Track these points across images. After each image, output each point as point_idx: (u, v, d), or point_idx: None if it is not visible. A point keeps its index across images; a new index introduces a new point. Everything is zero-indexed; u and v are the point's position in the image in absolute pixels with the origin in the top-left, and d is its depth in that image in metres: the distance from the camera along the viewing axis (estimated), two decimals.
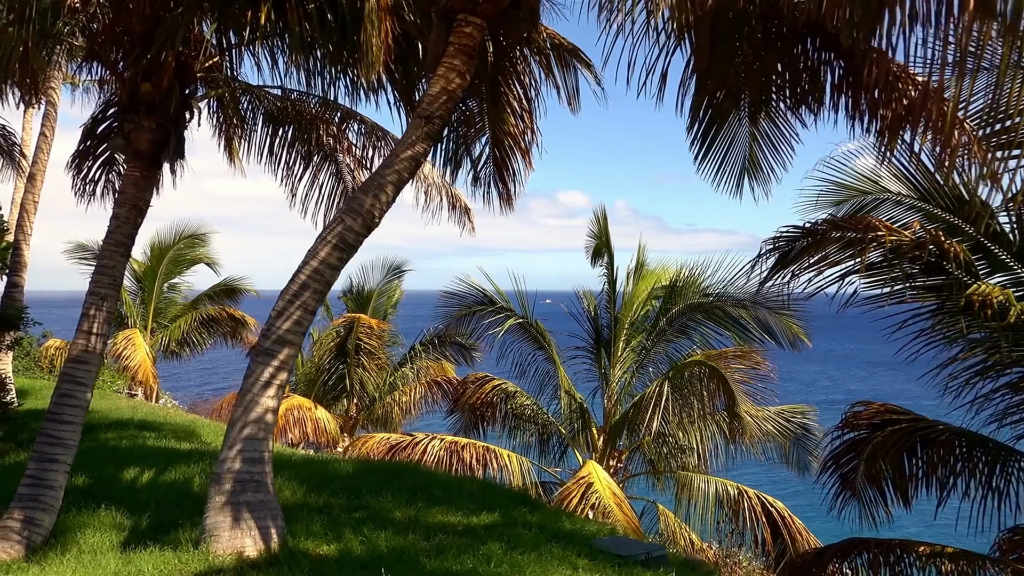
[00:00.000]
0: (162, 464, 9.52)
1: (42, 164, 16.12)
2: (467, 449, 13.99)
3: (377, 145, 10.50)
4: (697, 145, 7.64)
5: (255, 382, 5.37)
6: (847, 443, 10.24)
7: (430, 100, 5.62)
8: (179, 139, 8.05)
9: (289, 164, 10.74)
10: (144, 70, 7.72)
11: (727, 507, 13.52)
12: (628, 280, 15.37)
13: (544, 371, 15.43)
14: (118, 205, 7.80)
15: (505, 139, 9.03)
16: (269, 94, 9.76)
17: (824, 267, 7.00)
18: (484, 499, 7.32)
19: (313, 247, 5.53)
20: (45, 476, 7.08)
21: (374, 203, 5.56)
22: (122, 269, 7.80)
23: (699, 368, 12.73)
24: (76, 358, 7.41)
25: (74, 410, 7.32)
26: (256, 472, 5.31)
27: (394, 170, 5.58)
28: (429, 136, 5.65)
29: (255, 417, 5.35)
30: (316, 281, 5.48)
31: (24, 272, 15.46)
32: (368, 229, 5.62)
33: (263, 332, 5.47)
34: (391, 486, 7.64)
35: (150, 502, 7.78)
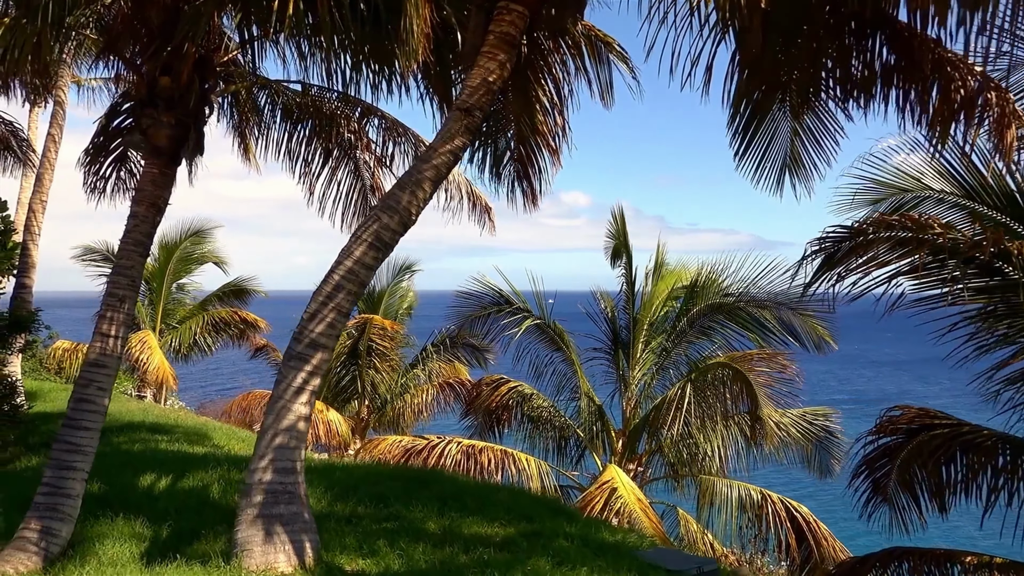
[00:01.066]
0: (178, 470, 9.26)
1: (50, 164, 15.88)
2: (485, 453, 13.72)
3: (398, 141, 10.26)
4: (737, 140, 7.38)
5: (287, 388, 5.11)
6: (881, 448, 9.97)
7: (469, 92, 5.36)
8: (198, 135, 7.79)
9: (307, 161, 10.50)
10: (163, 64, 7.47)
11: (750, 512, 13.24)
12: (647, 280, 15.11)
13: (561, 373, 15.15)
14: (136, 203, 7.55)
15: (532, 135, 8.76)
16: (288, 90, 9.51)
17: (872, 268, 6.72)
18: (517, 508, 7.06)
19: (347, 246, 5.27)
20: (62, 484, 6.82)
21: (411, 200, 5.30)
22: (140, 269, 7.55)
23: (722, 370, 12.46)
24: (94, 361, 7.16)
25: (92, 415, 7.06)
26: (288, 483, 5.05)
27: (432, 165, 5.32)
28: (469, 130, 5.39)
29: (287, 425, 5.09)
30: (350, 282, 5.22)
31: (33, 273, 15.23)
32: (405, 227, 5.36)
33: (295, 336, 5.21)
34: (419, 494, 7.38)
35: (169, 510, 7.52)
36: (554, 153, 8.46)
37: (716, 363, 12.62)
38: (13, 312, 12.15)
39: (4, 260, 11.79)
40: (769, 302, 12.88)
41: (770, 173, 7.57)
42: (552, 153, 8.49)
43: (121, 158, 10.03)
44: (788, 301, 12.76)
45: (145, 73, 7.62)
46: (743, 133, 7.27)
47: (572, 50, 6.98)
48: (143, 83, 7.67)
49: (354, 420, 19.56)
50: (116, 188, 10.23)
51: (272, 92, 9.54)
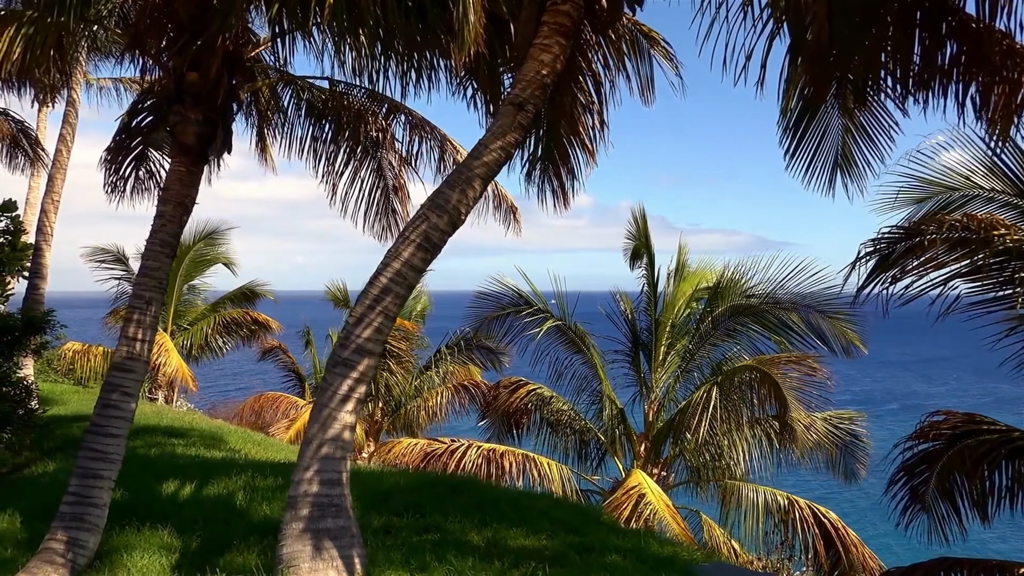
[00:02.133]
0: (201, 476, 9.04)
1: (62, 164, 15.64)
2: (506, 457, 13.50)
3: (424, 139, 10.01)
4: (788, 139, 7.13)
5: (332, 396, 4.87)
6: (920, 454, 9.73)
7: (523, 86, 5.13)
8: (226, 132, 7.57)
9: (330, 160, 10.26)
10: (191, 59, 7.24)
11: (776, 517, 13.00)
12: (668, 281, 14.86)
13: (582, 375, 14.91)
14: (162, 203, 7.32)
15: (567, 134, 8.54)
16: (313, 86, 9.28)
17: (930, 269, 6.48)
18: (558, 518, 6.83)
19: (395, 247, 5.03)
20: (89, 493, 6.60)
21: (461, 199, 5.07)
22: (167, 271, 7.32)
23: (750, 373, 12.21)
24: (121, 366, 6.93)
25: (119, 422, 6.84)
26: (335, 495, 4.82)
27: (483, 162, 5.08)
28: (521, 125, 5.15)
29: (333, 435, 4.85)
30: (398, 284, 4.99)
31: (46, 274, 15.00)
32: (454, 227, 5.13)
33: (340, 341, 4.98)
34: (455, 503, 7.15)
35: (197, 520, 7.30)
36: (590, 153, 8.20)
37: (743, 366, 12.38)
38: (28, 314, 11.91)
39: (14, 261, 11.57)
40: (797, 304, 12.62)
41: (822, 173, 7.32)
42: (588, 153, 8.23)
43: (141, 157, 9.81)
44: (816, 303, 12.51)
45: (172, 68, 7.39)
46: (793, 131, 7.02)
47: (615, 44, 6.74)
48: (170, 79, 7.45)
49: (368, 422, 19.33)
50: (136, 188, 10.04)
51: (297, 89, 9.31)
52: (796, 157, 7.34)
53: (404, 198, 10.90)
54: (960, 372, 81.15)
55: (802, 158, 7.37)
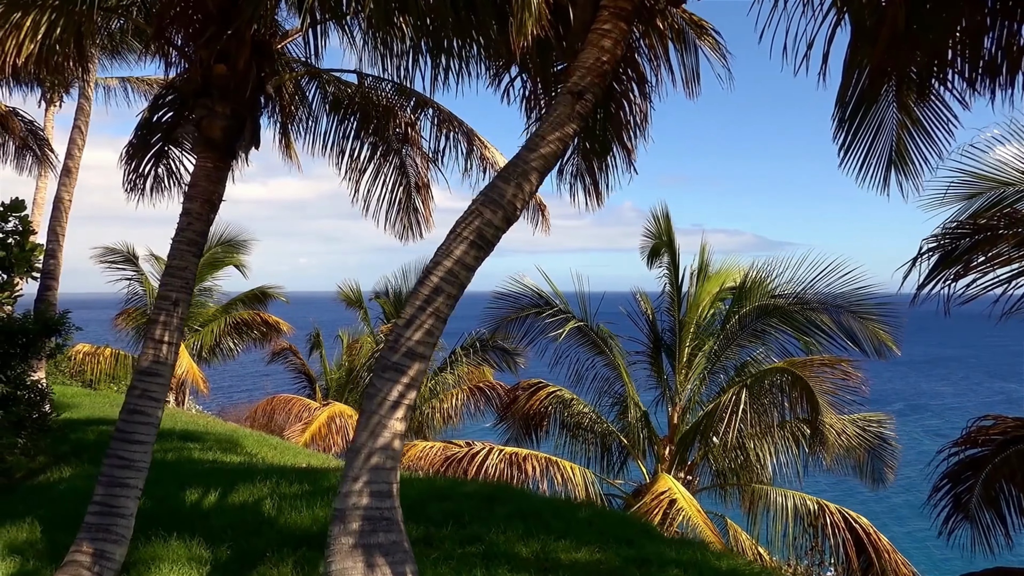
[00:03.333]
0: (224, 483, 8.75)
1: (75, 161, 15.38)
2: (529, 461, 13.20)
3: (451, 135, 9.73)
4: (842, 133, 6.83)
5: (382, 402, 4.58)
6: (966, 460, 9.43)
7: (581, 73, 4.84)
8: (254, 126, 7.31)
9: (353, 156, 9.99)
10: (219, 50, 6.96)
11: (806, 522, 12.69)
12: (691, 281, 14.56)
13: (603, 377, 14.62)
14: (189, 200, 7.05)
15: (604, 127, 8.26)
16: (340, 80, 9.00)
17: (996, 266, 6.18)
18: (606, 528, 6.54)
19: (446, 244, 4.75)
20: (115, 503, 6.32)
21: (517, 193, 4.79)
22: (194, 270, 7.05)
23: (781, 375, 11.91)
24: (147, 370, 6.65)
25: (145, 428, 6.57)
26: (386, 508, 4.53)
27: (539, 155, 4.80)
28: (580, 115, 4.87)
29: (383, 444, 4.56)
30: (450, 284, 4.70)
31: (57, 275, 14.74)
32: (508, 223, 4.85)
33: (389, 345, 4.69)
34: (494, 512, 6.87)
35: (226, 530, 7.02)
36: (628, 150, 7.89)
37: (774, 368, 12.08)
38: (43, 316, 11.64)
39: (23, 262, 11.31)
40: (828, 304, 12.32)
41: (876, 168, 7.02)
42: (624, 149, 7.92)
43: (160, 154, 9.55)
44: (848, 303, 12.21)
45: (199, 61, 7.11)
46: (848, 124, 6.73)
47: (661, 33, 6.45)
48: (196, 71, 7.17)
49: None
50: (155, 186, 9.77)
51: (323, 83, 9.04)
52: (850, 154, 7.06)
53: (426, 197, 10.65)
54: (968, 371, 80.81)
55: (855, 155, 7.08)
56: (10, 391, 10.26)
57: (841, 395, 11.31)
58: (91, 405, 16.10)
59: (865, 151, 6.82)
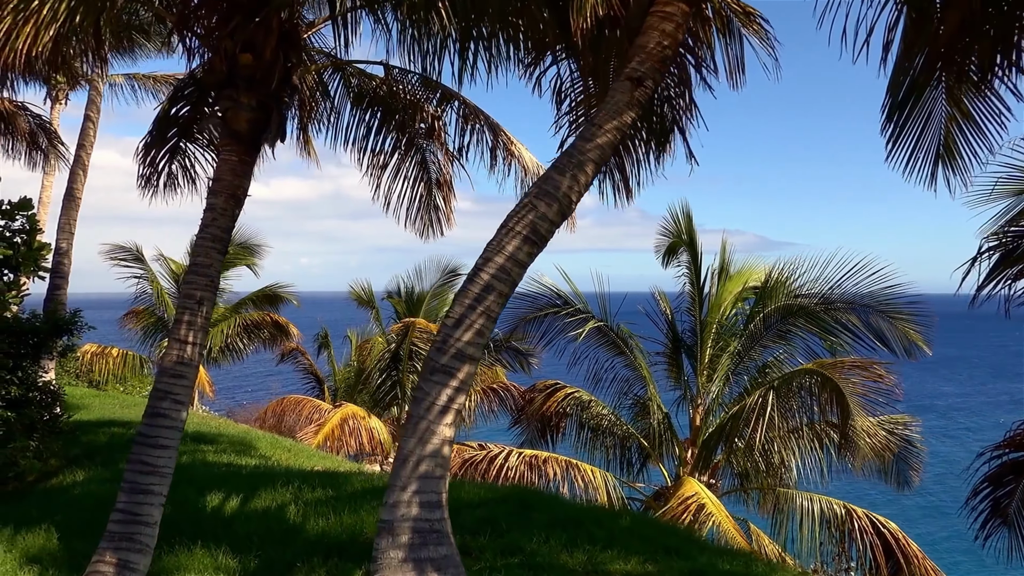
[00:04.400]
0: (245, 487, 8.49)
1: (84, 160, 15.12)
2: (549, 464, 12.94)
3: (476, 130, 9.46)
4: (891, 126, 6.55)
5: (431, 407, 4.32)
6: (1009, 463, 9.17)
7: (641, 59, 4.57)
8: (280, 118, 7.03)
9: (375, 152, 9.73)
10: (245, 39, 6.70)
11: (833, 528, 12.41)
12: (712, 281, 14.28)
13: (623, 378, 14.35)
14: (213, 195, 6.78)
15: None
16: (365, 73, 8.74)
17: None
18: (649, 536, 6.28)
19: (497, 240, 4.48)
20: (139, 511, 6.06)
21: (572, 185, 4.52)
22: (219, 268, 6.79)
23: (810, 377, 11.62)
24: (171, 371, 6.38)
25: (169, 431, 6.30)
26: (435, 520, 4.26)
27: (596, 145, 4.53)
28: (639, 103, 4.60)
29: (432, 450, 4.30)
30: (501, 282, 4.43)
31: (66, 274, 14.47)
32: (563, 217, 4.59)
33: (437, 346, 4.41)
34: (531, 519, 6.60)
35: (251, 537, 6.76)
36: (660, 145, 7.58)
37: (802, 370, 11.79)
38: (50, 315, 11.39)
39: (30, 261, 11.06)
40: (856, 304, 12.03)
41: (924, 163, 6.74)
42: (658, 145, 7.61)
43: (175, 149, 9.30)
44: (877, 303, 11.92)
45: (223, 51, 6.83)
46: (898, 116, 6.44)
47: (705, 21, 6.16)
48: (220, 61, 6.89)
49: (394, 427, 18.78)
50: (168, 183, 9.53)
51: (346, 76, 8.77)
52: (897, 147, 6.79)
53: (448, 194, 10.39)
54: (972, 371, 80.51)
55: (903, 147, 6.81)
56: (22, 393, 10.01)
57: (874, 398, 11.01)
58: (100, 406, 15.84)
59: (912, 144, 6.55)
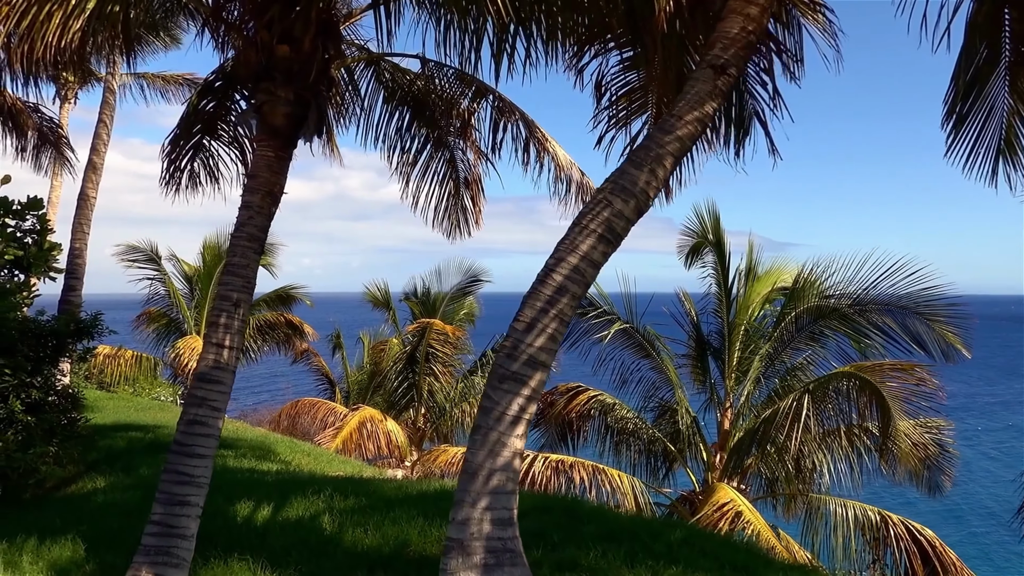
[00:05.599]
0: (273, 494, 8.21)
1: (100, 156, 14.85)
2: (576, 469, 12.67)
3: (508, 125, 9.17)
4: (952, 120, 6.27)
5: (501, 417, 4.03)
6: None
7: (723, 44, 4.28)
8: (319, 113, 6.74)
9: (405, 150, 9.45)
10: (283, 30, 6.42)
11: (868, 535, 12.12)
12: (739, 282, 13.99)
13: (649, 381, 14.08)
14: (249, 192, 6.50)
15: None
16: (398, 67, 8.46)
17: None
18: (710, 550, 5.98)
19: (570, 238, 4.19)
20: (175, 523, 5.78)
21: (650, 180, 4.24)
22: (255, 268, 6.51)
23: (848, 381, 11.33)
24: (207, 376, 6.11)
25: (206, 440, 6.03)
26: (508, 538, 3.98)
27: (676, 137, 4.25)
28: (722, 92, 4.32)
29: (503, 463, 4.01)
30: (575, 283, 4.15)
31: (81, 274, 14.20)
32: (639, 214, 4.30)
33: (507, 352, 4.13)
34: (581, 531, 6.31)
35: (288, 550, 6.48)
36: (707, 142, 7.27)
37: (839, 373, 11.50)
38: (70, 316, 11.11)
39: (40, 262, 10.78)
40: (892, 306, 11.73)
41: (985, 158, 6.47)
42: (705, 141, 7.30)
43: (197, 147, 9.03)
44: (914, 305, 11.61)
45: (259, 42, 6.56)
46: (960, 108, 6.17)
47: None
48: (256, 53, 6.61)
49: (410, 430, 18.50)
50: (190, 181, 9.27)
51: (379, 70, 8.49)
52: (957, 141, 6.52)
53: (476, 193, 10.11)
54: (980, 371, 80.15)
55: (964, 142, 6.55)
56: (41, 397, 9.73)
57: (917, 402, 10.71)
58: (115, 409, 15.57)
59: (973, 139, 6.28)
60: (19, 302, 10.17)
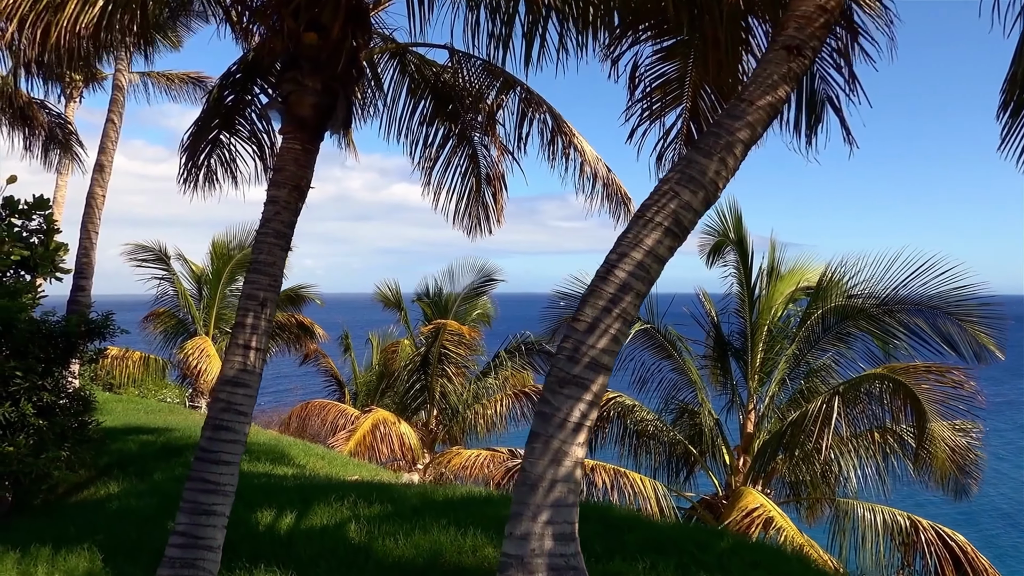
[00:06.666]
0: (294, 501, 7.92)
1: (108, 156, 14.57)
2: (597, 472, 12.39)
3: (535, 117, 8.90)
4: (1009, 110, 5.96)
5: (562, 424, 3.75)
6: None
7: (799, 24, 3.99)
8: (348, 104, 6.48)
9: (427, 144, 9.18)
10: (310, 18, 6.14)
11: (898, 540, 11.81)
12: (762, 281, 13.70)
13: (670, 382, 13.79)
14: (275, 186, 6.23)
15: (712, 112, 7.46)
16: (425, 58, 8.19)
17: None
18: (760, 561, 5.70)
19: (634, 232, 3.90)
20: (201, 533, 5.50)
21: (720, 169, 3.95)
22: (282, 266, 6.23)
23: (880, 383, 11.03)
24: (233, 380, 5.83)
25: (232, 446, 5.75)
26: (570, 555, 3.70)
27: (747, 123, 3.96)
28: (796, 75, 4.02)
29: (565, 473, 3.73)
30: (640, 280, 3.86)
31: (90, 274, 13.92)
32: (707, 206, 4.02)
33: (567, 354, 3.84)
34: (624, 542, 6.02)
35: (317, 561, 6.20)
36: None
37: (871, 375, 11.19)
38: (81, 316, 10.82)
39: (47, 262, 10.51)
40: (923, 306, 11.42)
41: None
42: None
43: (215, 142, 8.77)
44: (945, 304, 11.30)
45: (285, 31, 6.28)
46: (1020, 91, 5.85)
47: None
48: (281, 42, 6.35)
49: (422, 432, 18.21)
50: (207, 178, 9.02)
51: (404, 61, 8.21)
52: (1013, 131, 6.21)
53: (498, 190, 9.84)
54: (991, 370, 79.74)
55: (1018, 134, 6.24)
56: (52, 399, 9.45)
57: (955, 405, 10.41)
58: (124, 411, 15.30)
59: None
60: (27, 303, 9.90)
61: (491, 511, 7.47)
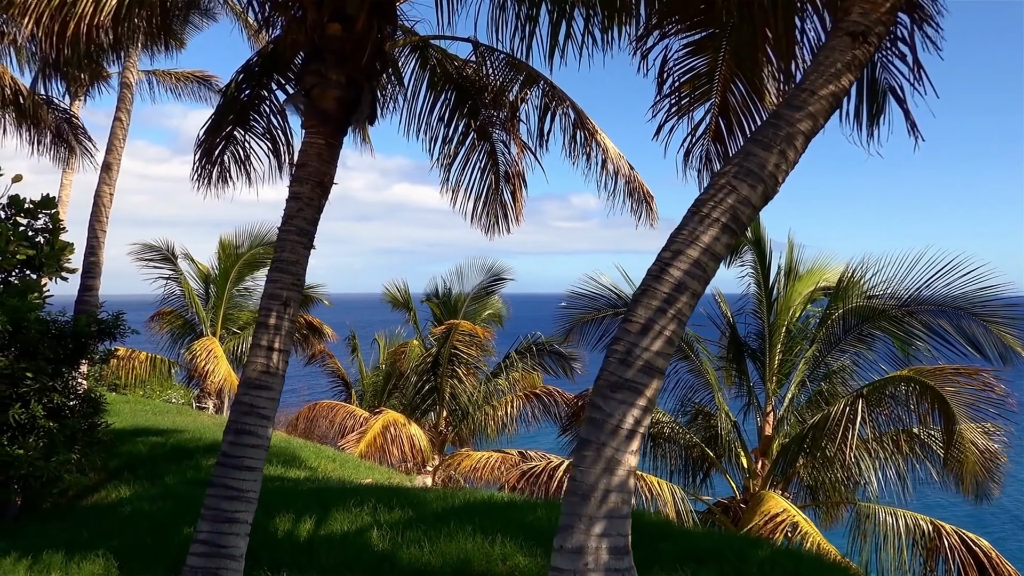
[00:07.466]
0: (312, 506, 7.71)
1: (116, 154, 14.37)
2: None
3: (557, 112, 8.70)
4: None
5: (616, 431, 3.55)
6: None
7: (864, 9, 3.77)
8: (372, 97, 6.28)
9: (446, 141, 8.99)
10: (334, 8, 5.95)
11: (920, 546, 11.60)
12: (780, 282, 13.49)
13: (687, 384, 13.58)
14: (298, 182, 6.03)
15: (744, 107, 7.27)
16: (446, 52, 7.99)
17: None
18: (800, 571, 5.51)
19: (690, 228, 3.70)
20: (223, 542, 5.31)
21: (779, 163, 3.75)
22: (305, 265, 6.05)
23: (906, 385, 10.82)
24: (256, 382, 5.63)
25: (255, 451, 5.55)
26: (626, 569, 3.50)
27: (807, 114, 3.76)
28: (860, 63, 3.82)
29: (619, 482, 3.53)
30: (695, 279, 3.66)
31: (98, 273, 13.72)
32: (766, 200, 3.82)
33: (620, 357, 3.63)
34: (660, 551, 5.82)
35: (340, 570, 6.01)
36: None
37: (897, 377, 10.98)
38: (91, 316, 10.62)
39: (52, 261, 10.31)
40: (947, 307, 11.21)
41: None
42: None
43: (228, 138, 8.58)
44: (970, 305, 11.09)
45: (308, 22, 6.09)
46: None
47: None
48: (304, 34, 6.15)
49: (431, 433, 18.01)
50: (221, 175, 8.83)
51: (426, 54, 8.02)
52: None
53: (517, 187, 9.64)
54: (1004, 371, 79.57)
55: None
56: (62, 401, 9.26)
57: (985, 408, 10.20)
58: (131, 413, 15.09)
59: None
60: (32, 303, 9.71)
61: (515, 516, 7.28)
